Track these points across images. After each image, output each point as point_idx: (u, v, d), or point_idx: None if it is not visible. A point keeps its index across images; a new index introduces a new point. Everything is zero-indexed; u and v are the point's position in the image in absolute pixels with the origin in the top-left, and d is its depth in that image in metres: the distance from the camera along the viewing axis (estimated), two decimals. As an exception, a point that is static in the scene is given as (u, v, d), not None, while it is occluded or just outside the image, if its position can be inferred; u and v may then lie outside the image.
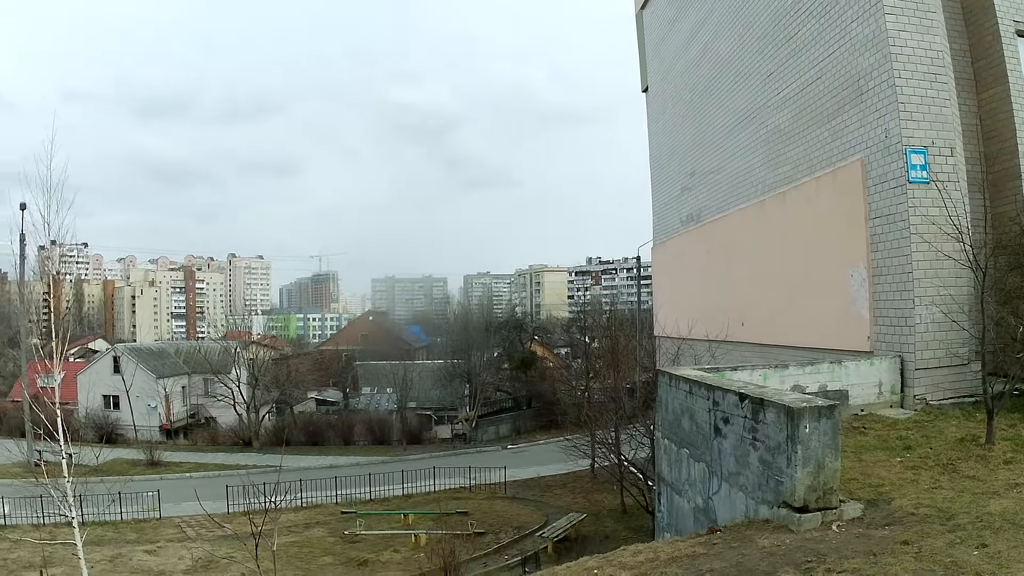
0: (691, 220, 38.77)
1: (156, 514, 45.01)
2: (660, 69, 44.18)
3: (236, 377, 78.65)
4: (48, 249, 24.31)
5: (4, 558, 35.77)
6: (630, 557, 12.02)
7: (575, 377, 68.23)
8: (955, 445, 16.76)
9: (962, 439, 17.13)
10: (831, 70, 24.55)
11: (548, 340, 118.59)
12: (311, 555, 37.90)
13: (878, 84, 22.09)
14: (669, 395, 18.54)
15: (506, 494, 49.42)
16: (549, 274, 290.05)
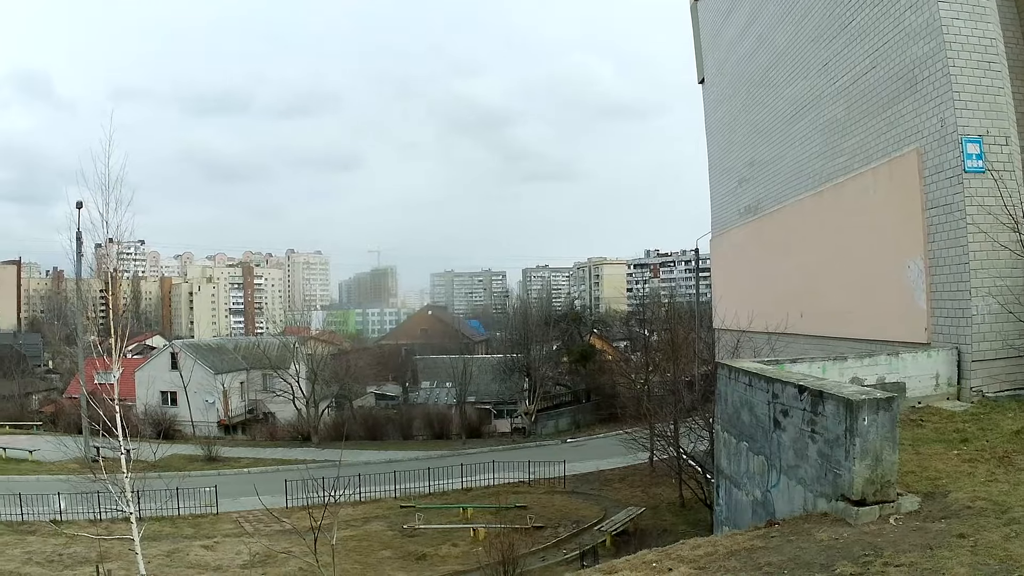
0: (749, 212, 38.58)
1: (213, 509, 45.34)
2: (716, 61, 44.00)
3: (295, 372, 79.09)
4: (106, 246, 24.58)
5: (60, 553, 36.18)
6: (689, 551, 12.03)
7: (634, 370, 68.01)
8: (1011, 438, 16.60)
9: (1018, 431, 16.96)
10: (885, 59, 24.34)
11: (607, 333, 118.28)
12: (369, 549, 38.07)
13: (932, 73, 21.87)
14: (729, 388, 18.48)
15: (565, 488, 49.37)
16: (608, 267, 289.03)
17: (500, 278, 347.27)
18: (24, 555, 35.77)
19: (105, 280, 24.14)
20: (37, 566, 33.36)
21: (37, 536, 39.48)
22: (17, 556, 35.30)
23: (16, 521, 41.90)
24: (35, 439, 67.46)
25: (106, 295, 21.35)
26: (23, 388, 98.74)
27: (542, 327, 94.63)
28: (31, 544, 38.01)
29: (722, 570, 10.51)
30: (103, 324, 25.10)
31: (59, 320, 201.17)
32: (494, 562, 30.13)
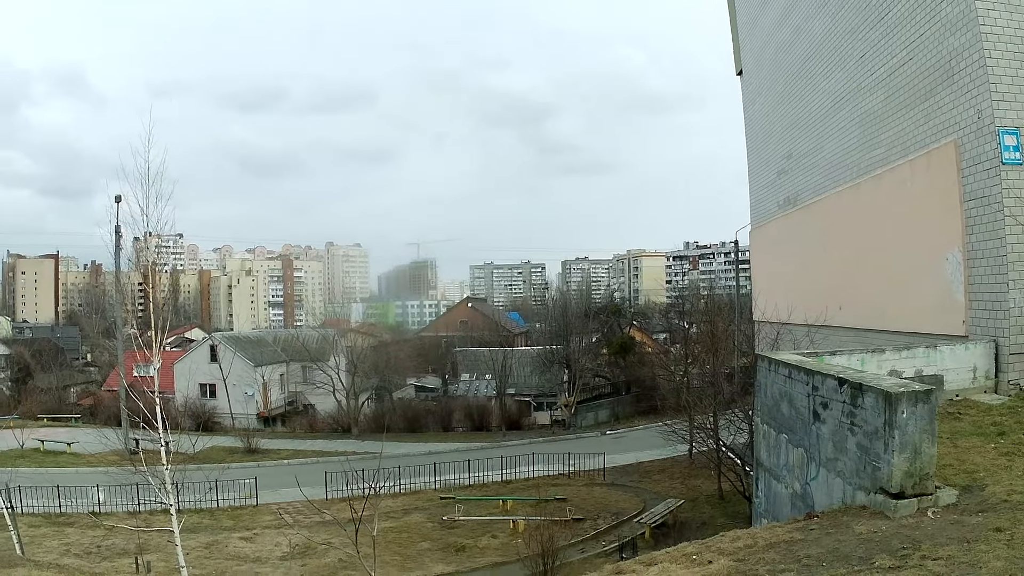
0: (788, 203, 38.44)
1: (253, 501, 45.77)
2: (753, 52, 43.85)
3: (335, 364, 79.35)
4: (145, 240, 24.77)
5: (98, 545, 36.50)
6: (728, 543, 12.03)
7: (674, 362, 67.91)
8: (1049, 432, 16.50)
9: (1056, 425, 16.86)
10: (922, 51, 24.19)
11: (646, 325, 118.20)
12: (409, 540, 38.26)
13: (969, 65, 21.71)
14: (768, 380, 18.46)
15: (604, 480, 49.52)
16: (647, 259, 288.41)
17: (539, 270, 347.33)
18: (62, 547, 36.12)
19: (144, 273, 24.34)
20: (75, 558, 33.65)
21: (75, 528, 39.84)
22: (55, 548, 35.63)
23: (54, 513, 42.34)
24: (73, 432, 68.07)
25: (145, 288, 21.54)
26: (61, 381, 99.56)
27: (581, 319, 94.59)
28: (69, 536, 38.36)
29: (761, 562, 10.48)
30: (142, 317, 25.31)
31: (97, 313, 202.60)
32: (533, 554, 30.24)
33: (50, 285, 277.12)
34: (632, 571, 11.56)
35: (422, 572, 33.31)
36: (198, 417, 69.65)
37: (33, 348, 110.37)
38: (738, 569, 10.33)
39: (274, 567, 33.85)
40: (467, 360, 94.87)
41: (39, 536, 37.16)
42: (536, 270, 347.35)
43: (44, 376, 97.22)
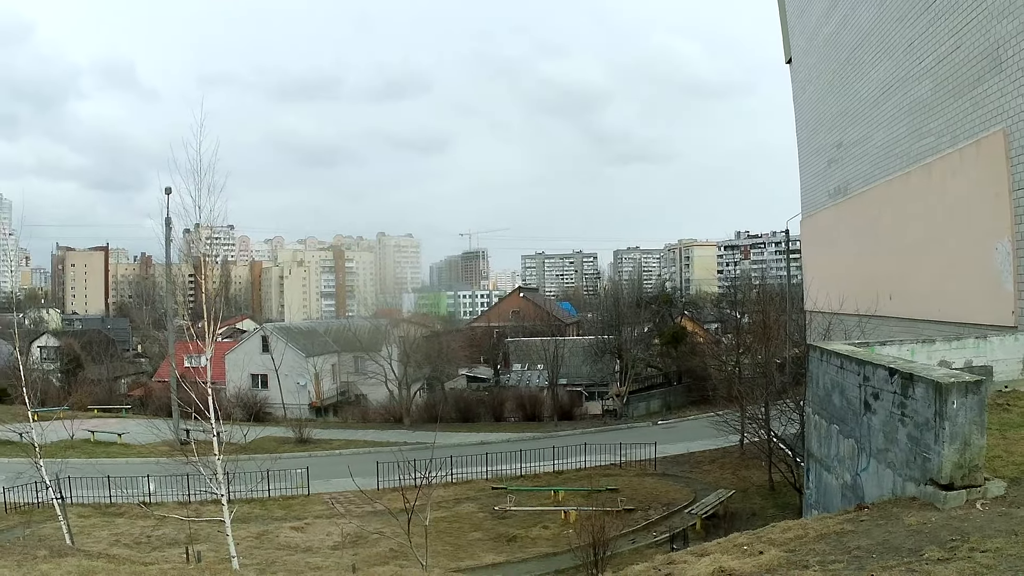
0: (838, 193, 38.20)
1: (304, 491, 46.07)
2: (802, 40, 43.58)
3: (387, 354, 79.69)
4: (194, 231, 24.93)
5: (148, 535, 36.89)
6: (779, 534, 12.01)
7: (725, 352, 67.71)
8: (1097, 423, 16.35)
9: (1104, 417, 16.70)
10: (969, 39, 23.94)
11: (698, 315, 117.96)
12: (460, 530, 38.37)
13: (1017, 52, 21.46)
14: (820, 370, 18.37)
15: (656, 470, 49.38)
16: (698, 248, 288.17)
17: (591, 260, 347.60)
18: (111, 537, 36.53)
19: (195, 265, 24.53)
20: (125, 547, 33.99)
21: (125, 518, 40.30)
22: (105, 538, 36.04)
23: (104, 503, 42.80)
24: (124, 422, 69.08)
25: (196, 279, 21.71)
26: (112, 372, 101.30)
27: (633, 309, 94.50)
28: (119, 526, 38.80)
29: (812, 553, 10.45)
30: (193, 308, 25.50)
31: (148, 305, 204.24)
32: (584, 545, 30.24)
33: (100, 277, 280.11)
34: (684, 561, 11.55)
35: (473, 562, 33.37)
36: (249, 407, 70.17)
37: (83, 340, 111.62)
38: (789, 560, 10.30)
39: (325, 557, 33.98)
40: (519, 350, 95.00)
41: (88, 526, 37.66)
42: (588, 260, 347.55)
43: (94, 367, 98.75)
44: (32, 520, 38.48)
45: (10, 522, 38.78)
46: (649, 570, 11.68)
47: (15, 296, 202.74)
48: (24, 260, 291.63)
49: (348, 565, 25.23)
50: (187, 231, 28.43)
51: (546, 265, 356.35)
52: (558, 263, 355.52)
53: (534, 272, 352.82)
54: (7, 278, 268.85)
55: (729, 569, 10.27)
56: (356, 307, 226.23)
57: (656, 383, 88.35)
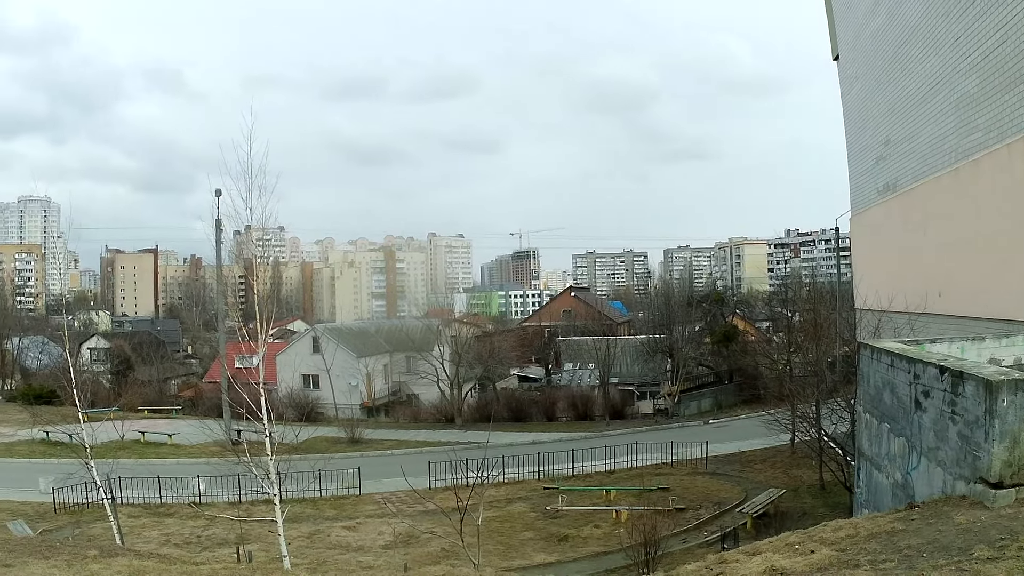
0: (887, 190, 37.85)
1: (356, 491, 46.25)
2: (849, 37, 43.21)
3: (439, 354, 79.82)
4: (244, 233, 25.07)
5: (198, 535, 37.22)
6: (831, 533, 12.00)
7: (776, 351, 67.42)
8: None
9: None
10: (1015, 33, 23.61)
11: (749, 314, 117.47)
12: (512, 530, 38.41)
13: (1064, 46, 21.23)
14: (871, 368, 18.23)
15: (707, 469, 49.25)
16: (749, 247, 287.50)
17: (642, 259, 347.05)
18: (162, 537, 36.87)
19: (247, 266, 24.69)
20: (175, 547, 34.27)
21: (175, 518, 40.68)
22: (154, 538, 36.38)
23: (154, 504, 43.21)
24: (174, 423, 69.82)
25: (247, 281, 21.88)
26: (162, 373, 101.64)
27: (684, 308, 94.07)
28: (169, 526, 39.17)
29: (863, 552, 10.43)
30: (244, 309, 25.64)
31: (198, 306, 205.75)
32: (636, 544, 30.22)
33: (149, 279, 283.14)
34: (736, 560, 11.55)
35: (524, 561, 33.40)
36: (301, 408, 70.54)
37: (133, 341, 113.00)
38: (840, 559, 10.28)
39: (376, 556, 34.15)
40: (570, 349, 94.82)
41: (138, 526, 38.05)
42: (638, 259, 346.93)
43: (145, 369, 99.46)
44: (82, 520, 39.02)
45: (59, 522, 39.35)
46: (701, 569, 11.69)
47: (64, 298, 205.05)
48: (73, 263, 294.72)
49: (400, 564, 25.33)
50: (237, 233, 28.64)
51: (597, 264, 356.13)
52: (609, 262, 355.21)
53: (585, 271, 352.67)
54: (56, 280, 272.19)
55: (781, 568, 10.27)
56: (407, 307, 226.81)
57: (707, 382, 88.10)
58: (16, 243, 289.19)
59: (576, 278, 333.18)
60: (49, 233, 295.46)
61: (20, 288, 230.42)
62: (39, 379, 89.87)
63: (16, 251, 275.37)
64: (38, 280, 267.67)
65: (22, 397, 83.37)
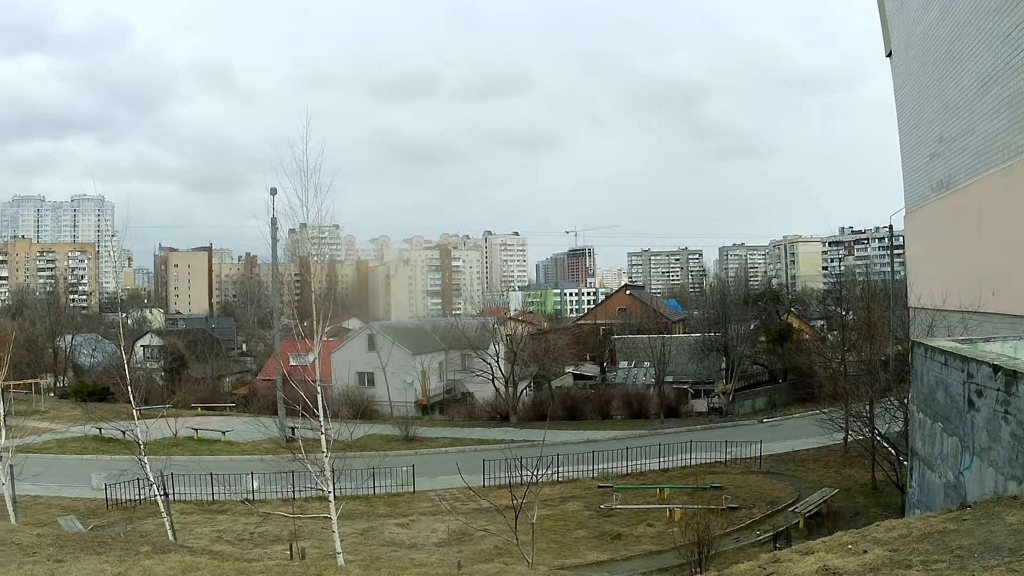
0: (940, 187, 37.44)
1: (410, 488, 46.26)
2: (901, 33, 42.79)
3: (494, 352, 79.99)
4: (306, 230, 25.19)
5: (251, 532, 37.41)
6: (883, 533, 11.97)
7: (830, 349, 66.98)
8: None
9: None
10: (1065, 27, 23.33)
11: (804, 312, 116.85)
12: (565, 528, 38.34)
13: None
14: (924, 367, 18.04)
15: (760, 468, 48.96)
16: (803, 245, 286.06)
17: (696, 257, 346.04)
18: (214, 533, 37.10)
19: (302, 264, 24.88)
20: (227, 544, 34.45)
21: (227, 515, 40.88)
22: (207, 534, 36.61)
23: (207, 500, 43.46)
24: (228, 420, 70.24)
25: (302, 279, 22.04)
26: (216, 371, 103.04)
27: (740, 306, 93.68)
28: (221, 523, 39.38)
29: (915, 553, 10.40)
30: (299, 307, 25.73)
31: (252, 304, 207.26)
32: (689, 543, 30.08)
33: (203, 277, 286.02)
34: (789, 560, 11.54)
35: (577, 560, 33.32)
36: (356, 405, 70.55)
37: (187, 339, 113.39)
38: (892, 559, 10.24)
39: (429, 553, 34.20)
40: (625, 348, 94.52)
41: (191, 523, 38.31)
42: (693, 257, 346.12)
43: (199, 366, 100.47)
44: (134, 516, 39.29)
45: (111, 518, 39.69)
46: (754, 568, 11.68)
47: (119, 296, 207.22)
48: (127, 261, 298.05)
49: (453, 562, 25.29)
50: (292, 231, 28.82)
51: (652, 262, 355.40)
52: (664, 260, 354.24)
53: (640, 269, 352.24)
54: (111, 278, 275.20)
55: (833, 568, 10.27)
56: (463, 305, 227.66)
57: (762, 380, 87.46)
58: (69, 242, 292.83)
59: (631, 276, 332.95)
60: (103, 232, 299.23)
61: (73, 286, 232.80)
62: (92, 376, 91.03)
63: (69, 249, 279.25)
64: (91, 278, 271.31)
65: (75, 394, 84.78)
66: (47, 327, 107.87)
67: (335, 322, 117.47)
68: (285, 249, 58.30)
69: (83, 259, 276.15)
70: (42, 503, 41.43)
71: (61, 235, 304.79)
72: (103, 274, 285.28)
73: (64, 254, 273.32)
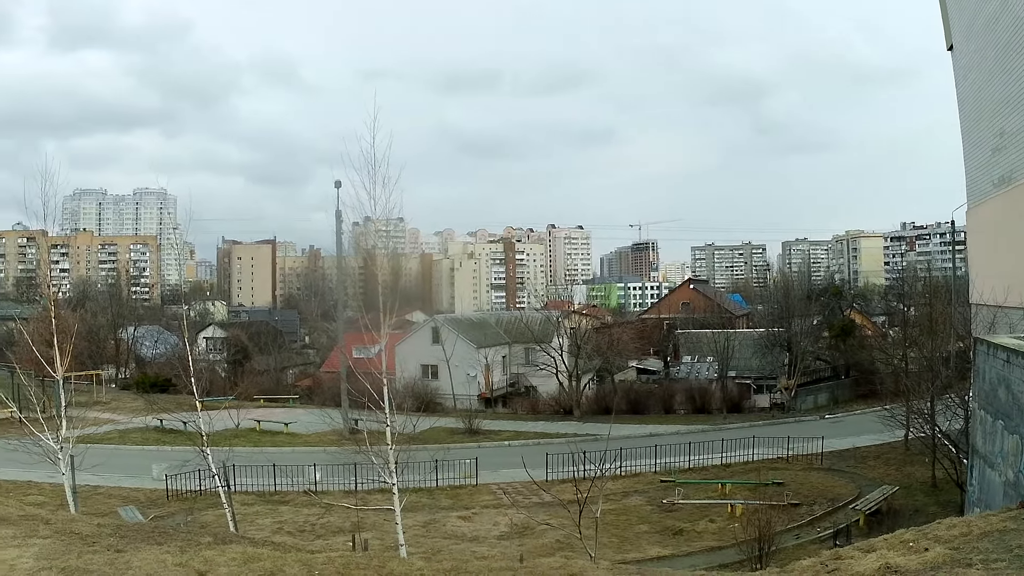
0: (1003, 182, 36.87)
1: (472, 481, 46.17)
2: (962, 26, 42.22)
3: (558, 346, 79.79)
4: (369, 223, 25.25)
5: (312, 523, 37.47)
6: (944, 531, 12.06)
7: (892, 346, 66.40)
8: None
9: None
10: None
11: (866, 308, 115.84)
12: (627, 523, 38.16)
13: None
14: (986, 364, 17.77)
15: (822, 465, 48.48)
16: (865, 240, 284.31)
17: (760, 251, 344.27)
18: (275, 524, 37.21)
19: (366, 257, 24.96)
20: (288, 535, 34.57)
21: (289, 506, 40.97)
22: (268, 526, 36.71)
23: (268, 492, 43.43)
24: (290, 412, 70.60)
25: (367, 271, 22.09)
26: (279, 363, 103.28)
27: (803, 301, 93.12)
28: (283, 514, 39.47)
29: (975, 551, 10.52)
30: (364, 300, 25.83)
31: (316, 297, 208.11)
32: (750, 539, 29.90)
33: (266, 270, 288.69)
34: (851, 557, 11.66)
35: (639, 554, 33.08)
36: (420, 398, 70.53)
37: (251, 331, 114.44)
38: (952, 558, 10.38)
39: (491, 546, 34.08)
40: (688, 342, 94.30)
41: (251, 514, 38.33)
42: (756, 251, 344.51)
43: (262, 358, 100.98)
44: (194, 507, 39.47)
45: (171, 509, 39.83)
46: (816, 565, 11.76)
47: (182, 289, 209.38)
48: (190, 253, 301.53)
49: (515, 555, 25.25)
50: (356, 224, 28.90)
51: (715, 256, 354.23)
52: (727, 254, 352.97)
53: (703, 263, 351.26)
54: (173, 271, 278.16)
55: (895, 565, 10.43)
56: (527, 298, 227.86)
57: (824, 376, 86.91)
58: (132, 234, 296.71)
59: (695, 270, 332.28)
60: (165, 225, 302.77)
61: (135, 278, 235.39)
62: (154, 368, 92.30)
63: (131, 242, 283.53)
64: (153, 271, 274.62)
65: (137, 385, 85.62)
66: (109, 319, 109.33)
67: (399, 315, 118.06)
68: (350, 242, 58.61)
69: (145, 251, 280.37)
70: (102, 493, 41.72)
71: (123, 228, 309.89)
72: (165, 266, 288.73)
73: (126, 247, 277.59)
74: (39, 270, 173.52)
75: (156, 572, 12.74)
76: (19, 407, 30.73)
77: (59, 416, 27.04)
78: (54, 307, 29.17)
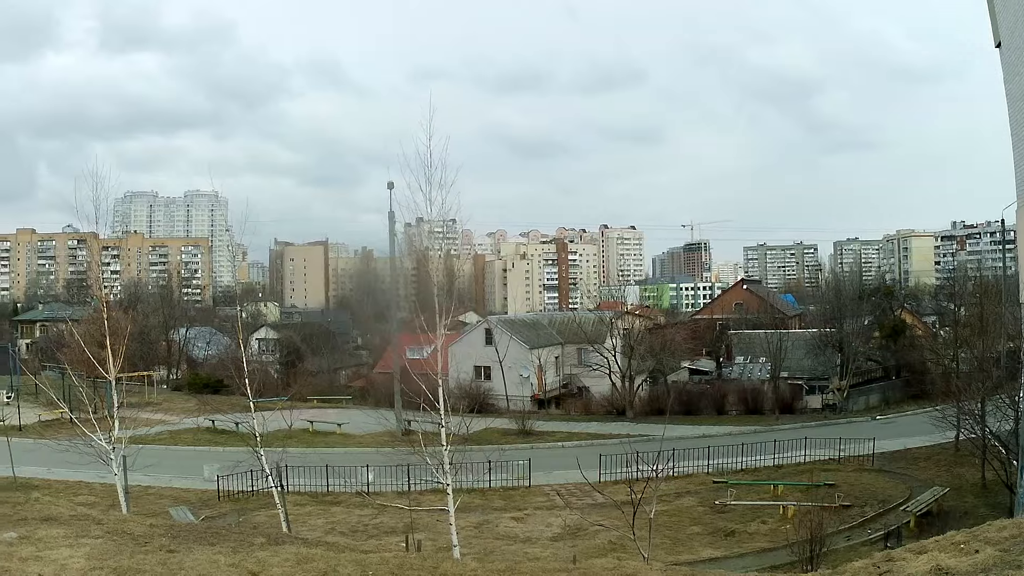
0: (1052, 181, 36.64)
1: (525, 482, 46.05)
2: (1009, 22, 41.84)
3: (611, 346, 79.50)
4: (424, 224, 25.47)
5: (366, 524, 37.58)
6: (995, 533, 12.05)
7: (943, 346, 65.83)
8: None
9: None
10: None
11: (916, 308, 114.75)
12: (679, 524, 38.02)
13: None
14: (1035, 365, 17.63)
15: (873, 466, 48.06)
16: (916, 239, 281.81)
17: (812, 251, 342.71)
18: (327, 525, 37.36)
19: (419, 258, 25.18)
20: (340, 535, 34.59)
21: (341, 507, 41.10)
22: (320, 526, 36.86)
23: (321, 492, 43.58)
24: (344, 413, 70.47)
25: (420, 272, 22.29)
26: (332, 364, 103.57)
27: (855, 302, 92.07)
28: (335, 515, 39.60)
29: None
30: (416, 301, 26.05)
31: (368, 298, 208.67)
32: (802, 540, 29.73)
33: (318, 271, 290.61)
34: (902, 559, 11.69)
35: (691, 556, 32.91)
36: (473, 399, 70.36)
37: (303, 332, 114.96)
38: (1003, 559, 10.43)
39: (544, 547, 34.04)
40: (741, 343, 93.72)
41: (304, 515, 38.45)
42: (808, 251, 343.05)
43: (314, 359, 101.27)
44: (246, 508, 39.66)
45: (222, 509, 40.02)
46: (868, 567, 11.81)
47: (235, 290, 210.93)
48: (242, 255, 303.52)
49: (568, 556, 25.30)
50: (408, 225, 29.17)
51: (768, 257, 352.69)
52: (779, 254, 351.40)
53: (756, 264, 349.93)
54: (225, 272, 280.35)
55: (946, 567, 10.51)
56: (580, 299, 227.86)
57: (875, 377, 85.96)
58: (183, 236, 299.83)
59: (747, 270, 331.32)
60: (216, 226, 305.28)
61: (186, 280, 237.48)
62: (206, 369, 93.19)
63: (183, 244, 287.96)
64: (205, 272, 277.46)
65: (189, 386, 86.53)
66: (161, 320, 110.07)
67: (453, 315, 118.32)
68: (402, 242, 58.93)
69: (196, 253, 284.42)
70: (153, 493, 42.21)
71: (174, 230, 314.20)
72: (217, 268, 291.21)
73: (177, 248, 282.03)
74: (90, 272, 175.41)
75: (209, 572, 12.88)
76: (70, 408, 31.18)
77: (111, 417, 27.37)
78: (106, 308, 29.48)
